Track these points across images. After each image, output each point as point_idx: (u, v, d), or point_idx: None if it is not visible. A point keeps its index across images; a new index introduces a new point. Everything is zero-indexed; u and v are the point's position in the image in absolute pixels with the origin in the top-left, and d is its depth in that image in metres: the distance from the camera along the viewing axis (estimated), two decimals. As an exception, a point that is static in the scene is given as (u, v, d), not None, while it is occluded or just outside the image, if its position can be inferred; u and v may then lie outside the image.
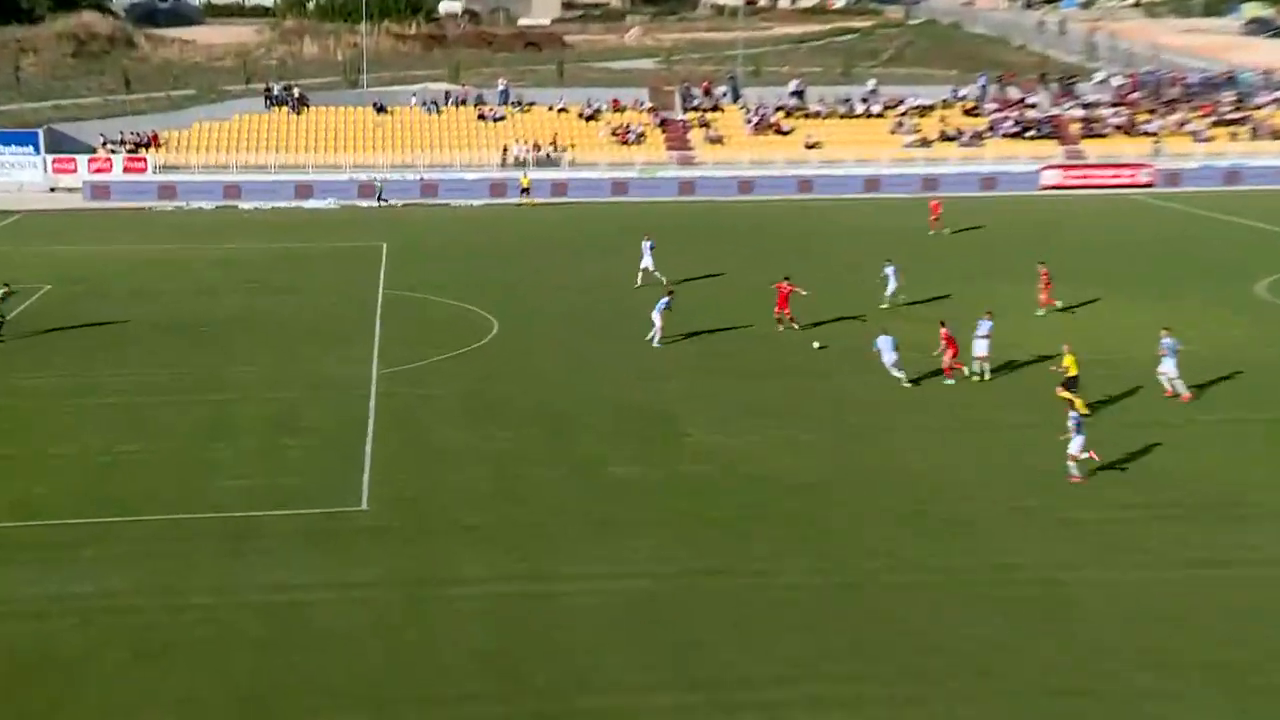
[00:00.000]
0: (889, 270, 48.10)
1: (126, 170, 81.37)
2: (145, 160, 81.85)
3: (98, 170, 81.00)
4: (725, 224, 69.04)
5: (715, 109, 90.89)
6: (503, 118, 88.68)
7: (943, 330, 38.56)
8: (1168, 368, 37.01)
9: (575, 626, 23.94)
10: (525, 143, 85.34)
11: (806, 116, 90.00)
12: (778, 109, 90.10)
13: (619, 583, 25.51)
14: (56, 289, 52.16)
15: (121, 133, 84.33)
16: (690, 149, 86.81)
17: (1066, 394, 35.05)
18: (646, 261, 51.25)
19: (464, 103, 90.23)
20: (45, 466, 31.85)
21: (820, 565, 26.28)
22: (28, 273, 55.51)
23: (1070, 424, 30.77)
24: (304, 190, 79.22)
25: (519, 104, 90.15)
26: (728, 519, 28.55)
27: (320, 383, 39.01)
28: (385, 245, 62.09)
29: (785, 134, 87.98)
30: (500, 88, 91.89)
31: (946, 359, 38.25)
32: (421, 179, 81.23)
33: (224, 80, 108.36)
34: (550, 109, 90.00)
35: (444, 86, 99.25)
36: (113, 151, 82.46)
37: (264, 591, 25.12)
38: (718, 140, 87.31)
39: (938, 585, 25.44)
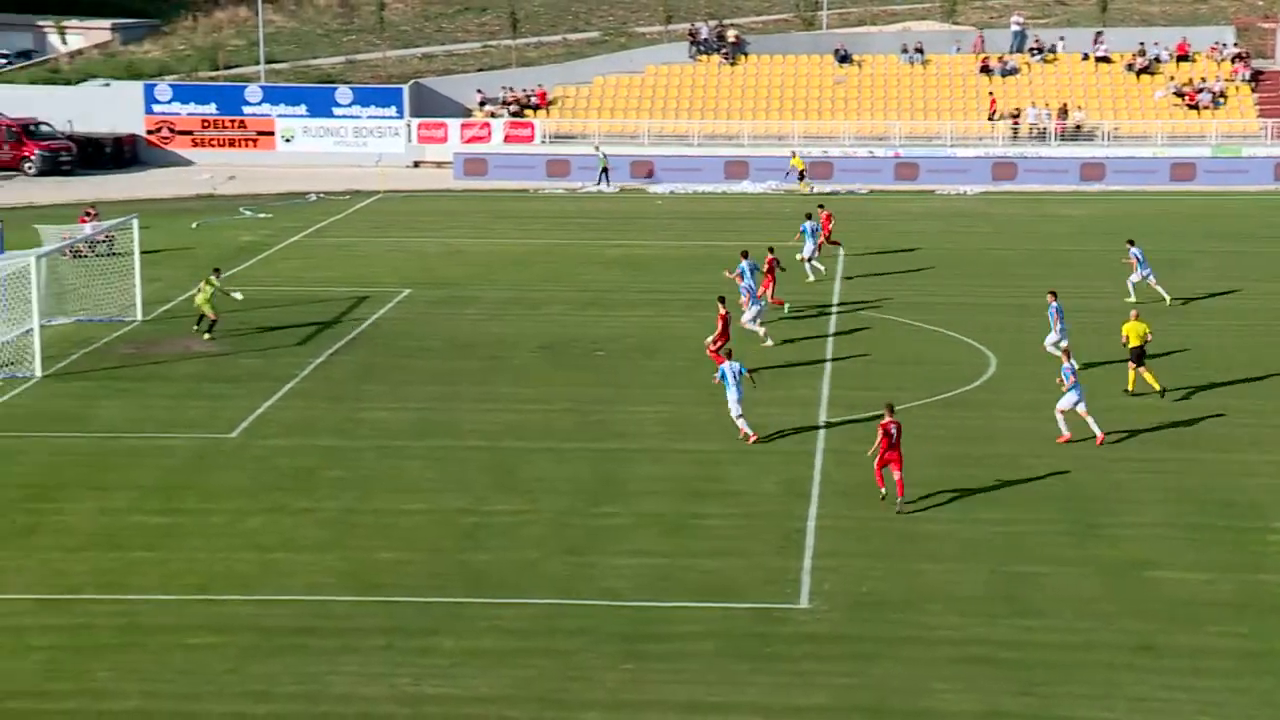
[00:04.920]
0: None
1: (508, 140, 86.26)
2: (532, 126, 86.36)
3: (473, 139, 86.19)
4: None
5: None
6: (1015, 70, 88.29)
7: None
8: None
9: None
10: (1047, 106, 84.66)
11: None
12: None
13: (1165, 739, 24.85)
14: (416, 294, 55.82)
15: (504, 90, 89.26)
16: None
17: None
18: (808, 250, 57.13)
19: (960, 49, 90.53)
20: (394, 527, 33.92)
21: None
22: (382, 272, 59.71)
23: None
24: (736, 169, 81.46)
25: (1039, 50, 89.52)
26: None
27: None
28: (841, 249, 62.77)
29: None
30: (1014, 27, 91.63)
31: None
32: (898, 156, 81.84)
33: (636, 19, 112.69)
34: (1085, 58, 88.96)
35: (933, 26, 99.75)
36: (492, 114, 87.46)
37: (669, 713, 25.72)
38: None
39: None
